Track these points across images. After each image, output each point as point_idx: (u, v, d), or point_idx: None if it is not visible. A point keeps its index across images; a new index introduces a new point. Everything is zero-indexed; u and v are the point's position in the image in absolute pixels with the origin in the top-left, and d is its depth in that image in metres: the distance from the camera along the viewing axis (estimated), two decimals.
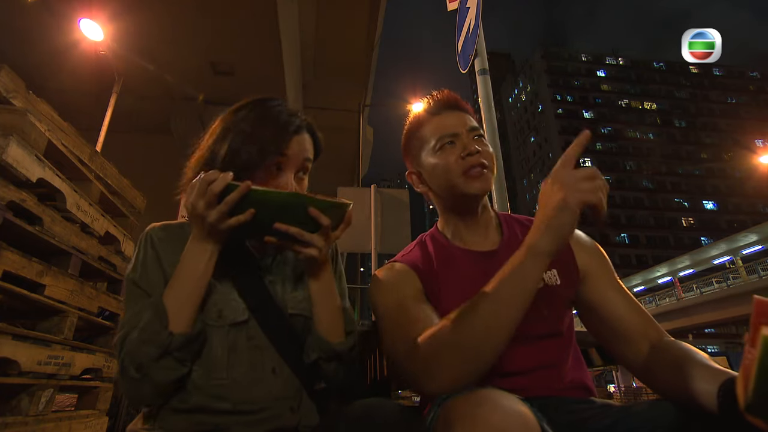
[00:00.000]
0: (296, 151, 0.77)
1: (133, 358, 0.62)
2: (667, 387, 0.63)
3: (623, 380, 23.59)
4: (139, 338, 0.62)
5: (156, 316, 0.63)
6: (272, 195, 0.65)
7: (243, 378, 0.69)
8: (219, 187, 0.62)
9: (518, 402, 0.48)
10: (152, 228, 0.78)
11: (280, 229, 0.65)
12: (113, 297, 1.63)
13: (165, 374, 0.63)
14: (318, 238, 0.67)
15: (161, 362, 0.62)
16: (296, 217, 0.65)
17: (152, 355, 0.61)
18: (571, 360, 0.79)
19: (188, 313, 0.65)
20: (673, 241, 47.55)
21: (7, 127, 1.11)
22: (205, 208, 0.63)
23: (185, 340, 0.64)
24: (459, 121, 0.87)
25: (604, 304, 0.78)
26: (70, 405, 1.62)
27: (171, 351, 0.62)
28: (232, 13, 5.60)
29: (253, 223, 0.65)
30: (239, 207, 0.63)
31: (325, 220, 0.66)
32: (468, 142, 0.84)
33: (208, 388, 0.67)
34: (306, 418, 0.73)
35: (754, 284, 19.18)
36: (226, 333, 0.71)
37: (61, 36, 5.62)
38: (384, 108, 13.61)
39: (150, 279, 0.71)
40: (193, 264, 0.66)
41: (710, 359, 0.60)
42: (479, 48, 2.14)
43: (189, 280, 0.65)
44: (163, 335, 0.62)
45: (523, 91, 62.22)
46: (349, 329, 0.77)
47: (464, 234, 0.88)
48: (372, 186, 4.19)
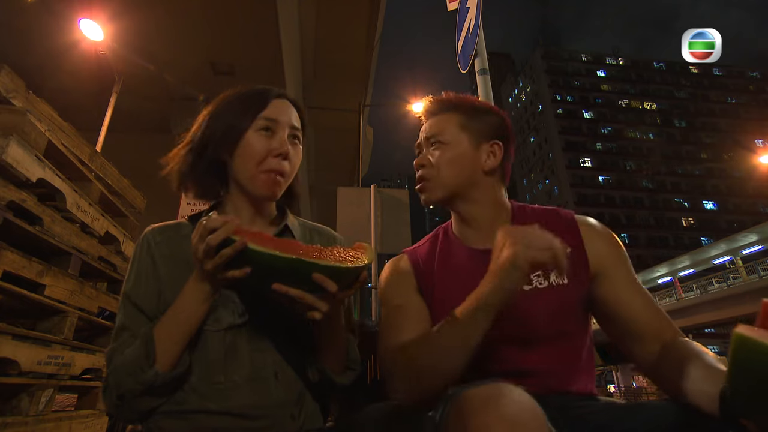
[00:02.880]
0: (282, 113, 0.77)
1: (118, 386, 0.63)
2: (672, 387, 0.62)
3: (623, 380, 23.59)
4: (125, 370, 0.63)
5: (144, 351, 0.63)
6: (273, 258, 0.58)
7: (244, 382, 0.68)
8: (216, 240, 0.57)
9: (529, 396, 0.48)
10: (150, 230, 0.77)
11: (279, 290, 0.59)
12: (113, 297, 1.63)
13: (144, 406, 0.64)
14: (323, 303, 0.61)
15: (143, 397, 0.63)
16: (300, 278, 0.59)
17: (135, 391, 0.62)
18: (584, 360, 0.78)
19: (177, 352, 0.64)
20: (673, 241, 47.52)
21: (7, 127, 1.11)
22: (203, 256, 0.59)
23: (168, 379, 0.63)
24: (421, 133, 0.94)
25: (619, 303, 0.75)
26: (70, 405, 1.62)
27: (154, 388, 0.63)
28: (232, 13, 5.60)
29: (255, 279, 0.60)
30: (238, 261, 0.59)
31: (332, 286, 0.59)
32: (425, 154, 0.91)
33: (206, 391, 0.67)
34: (308, 423, 0.72)
35: (754, 284, 19.14)
36: (223, 336, 0.70)
37: (61, 36, 5.62)
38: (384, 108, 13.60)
39: (142, 293, 0.71)
40: (188, 305, 0.64)
41: (718, 361, 0.58)
42: (479, 48, 2.14)
43: (182, 320, 0.64)
44: (148, 374, 0.62)
45: (523, 91, 62.18)
46: (352, 366, 0.78)
47: (466, 230, 0.88)
48: (372, 186, 4.19)
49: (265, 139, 0.74)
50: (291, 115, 0.79)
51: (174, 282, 0.70)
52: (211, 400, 0.66)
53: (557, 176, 50.41)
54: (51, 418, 1.25)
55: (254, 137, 0.74)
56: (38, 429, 1.18)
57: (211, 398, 0.66)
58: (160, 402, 0.66)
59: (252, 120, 0.74)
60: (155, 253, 0.74)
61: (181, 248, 0.73)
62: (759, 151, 41.46)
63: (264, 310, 0.74)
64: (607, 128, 53.28)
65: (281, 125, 0.76)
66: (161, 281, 0.71)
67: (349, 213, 4.01)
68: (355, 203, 4.06)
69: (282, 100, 0.79)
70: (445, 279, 0.83)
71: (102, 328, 1.61)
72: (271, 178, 0.74)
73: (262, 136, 0.74)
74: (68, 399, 1.67)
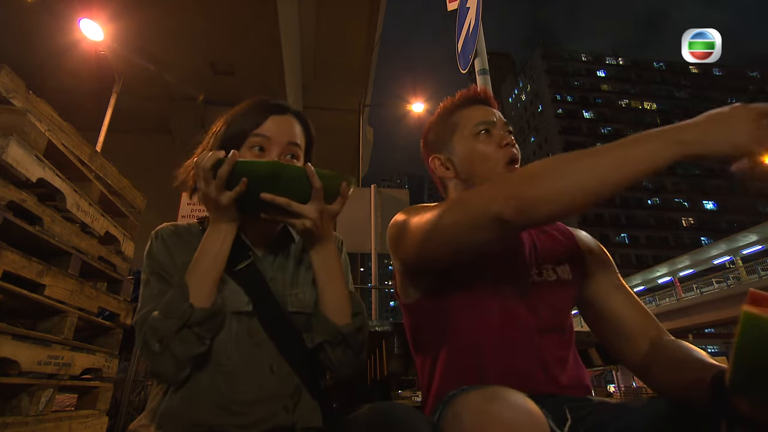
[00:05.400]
0: (277, 131, 0.77)
1: (156, 331, 0.64)
2: (664, 384, 0.64)
3: (623, 380, 23.58)
4: (161, 313, 0.65)
5: (179, 291, 0.66)
6: (258, 164, 0.66)
7: (241, 371, 0.69)
8: (209, 162, 0.64)
9: (528, 400, 0.48)
10: (163, 227, 0.80)
11: (266, 199, 0.65)
12: (113, 297, 1.63)
13: (185, 348, 0.65)
14: (309, 209, 0.67)
15: (181, 335, 0.64)
16: (289, 188, 0.66)
17: (173, 328, 0.64)
18: (572, 357, 0.80)
19: (208, 288, 0.67)
20: (673, 241, 47.55)
21: (7, 127, 1.11)
22: (206, 186, 0.66)
23: (205, 314, 0.65)
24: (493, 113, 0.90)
25: (605, 301, 0.79)
26: (70, 405, 1.62)
27: (191, 324, 0.64)
28: (232, 13, 5.60)
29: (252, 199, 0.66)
30: (235, 181, 0.65)
31: (317, 182, 0.66)
32: (504, 134, 0.86)
33: (212, 373, 0.68)
34: (305, 419, 0.71)
35: (754, 284, 19.15)
36: (229, 321, 0.71)
37: (61, 36, 5.63)
38: (384, 108, 13.62)
39: (164, 265, 0.74)
40: (210, 244, 0.69)
41: (709, 357, 0.60)
42: (479, 48, 2.14)
43: (207, 258, 0.68)
44: (184, 307, 0.64)
45: (523, 91, 62.24)
46: (356, 310, 0.75)
47: None
48: (372, 186, 4.19)
49: (256, 158, 0.75)
50: (290, 132, 0.78)
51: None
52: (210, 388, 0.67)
53: None
54: (51, 418, 1.25)
55: (245, 155, 0.75)
56: (38, 429, 1.18)
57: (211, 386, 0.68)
58: (199, 348, 0.66)
59: (246, 137, 0.76)
60: (169, 243, 0.76)
61: (192, 243, 0.74)
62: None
63: (264, 306, 0.74)
64: (608, 128, 53.30)
65: (274, 143, 0.76)
66: (178, 268, 0.73)
67: (349, 213, 4.00)
68: (355, 203, 4.06)
69: (282, 116, 0.79)
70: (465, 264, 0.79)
71: (102, 328, 1.61)
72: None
73: (252, 154, 0.75)
74: (68, 399, 1.67)
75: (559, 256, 0.84)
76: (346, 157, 11.35)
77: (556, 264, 0.83)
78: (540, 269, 0.82)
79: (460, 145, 0.88)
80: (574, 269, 0.83)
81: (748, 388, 0.45)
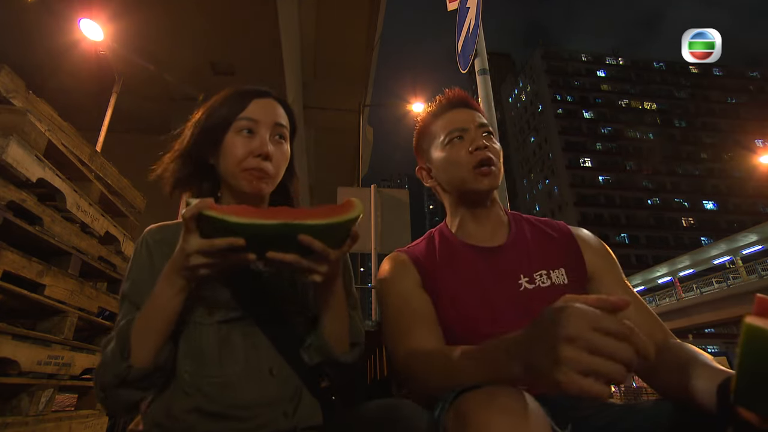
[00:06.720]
0: (263, 113, 0.77)
1: (98, 378, 0.64)
2: (669, 388, 0.63)
3: None
4: (102, 363, 0.64)
5: (118, 346, 0.63)
6: (258, 227, 0.56)
7: (237, 378, 0.67)
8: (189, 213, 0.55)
9: (530, 397, 0.48)
10: (149, 230, 0.78)
11: (274, 258, 0.57)
12: (113, 297, 1.63)
13: (124, 399, 0.64)
14: (320, 265, 0.60)
15: (120, 390, 0.63)
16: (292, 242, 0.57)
17: (111, 383, 0.62)
18: None
19: (149, 346, 0.63)
20: (673, 241, 47.53)
21: (7, 127, 1.11)
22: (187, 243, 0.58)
23: (143, 373, 0.63)
24: (468, 117, 0.90)
25: None
26: (70, 405, 1.62)
27: (129, 382, 0.63)
28: (232, 13, 5.60)
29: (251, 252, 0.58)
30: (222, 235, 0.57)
31: (319, 245, 0.57)
32: (476, 137, 0.86)
33: (201, 385, 0.66)
34: (305, 420, 0.71)
35: (754, 284, 19.15)
36: (217, 329, 0.69)
37: (61, 36, 5.63)
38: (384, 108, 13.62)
39: (140, 292, 0.70)
40: (159, 298, 0.62)
41: (714, 361, 0.60)
42: (479, 48, 2.14)
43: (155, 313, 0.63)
44: (121, 367, 0.62)
45: (523, 91, 62.19)
46: (355, 341, 0.74)
47: (471, 229, 0.89)
48: (372, 186, 4.19)
49: (245, 140, 0.74)
50: (274, 114, 0.78)
51: None
52: (203, 397, 0.65)
53: (557, 176, 50.41)
54: (51, 418, 1.25)
55: (235, 139, 0.74)
56: (38, 429, 1.18)
57: (205, 394, 0.66)
58: (142, 395, 0.66)
59: (232, 122, 0.75)
60: (154, 252, 0.74)
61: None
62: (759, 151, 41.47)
63: (260, 306, 0.73)
64: (607, 128, 53.29)
65: (262, 125, 0.76)
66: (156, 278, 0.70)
67: None
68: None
69: (265, 99, 0.79)
70: (449, 276, 0.83)
71: (102, 328, 1.61)
72: (253, 175, 0.74)
73: (242, 137, 0.75)
74: (68, 399, 1.67)
75: (555, 260, 0.84)
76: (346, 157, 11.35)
77: (551, 269, 0.82)
78: (532, 276, 0.81)
79: (435, 154, 0.91)
80: (571, 273, 0.82)
81: (752, 400, 0.44)
